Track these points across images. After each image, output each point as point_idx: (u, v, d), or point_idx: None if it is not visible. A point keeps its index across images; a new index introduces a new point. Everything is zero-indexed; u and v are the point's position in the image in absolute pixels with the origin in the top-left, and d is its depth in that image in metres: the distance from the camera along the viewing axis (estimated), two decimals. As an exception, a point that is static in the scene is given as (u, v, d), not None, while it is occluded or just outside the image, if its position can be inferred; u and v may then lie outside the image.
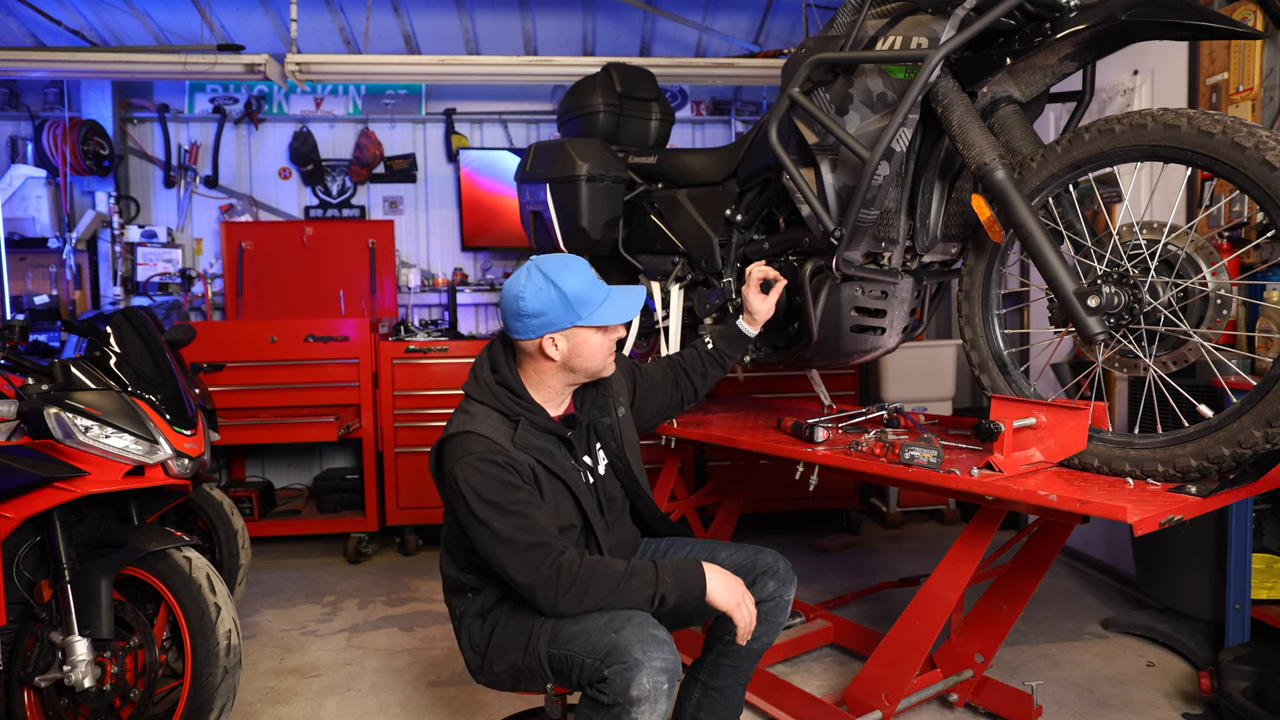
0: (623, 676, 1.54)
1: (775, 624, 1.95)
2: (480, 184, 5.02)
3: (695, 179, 2.69)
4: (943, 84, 1.89)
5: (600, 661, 1.58)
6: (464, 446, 1.71)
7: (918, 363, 4.33)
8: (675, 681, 1.58)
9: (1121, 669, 2.76)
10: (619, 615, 1.64)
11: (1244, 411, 1.60)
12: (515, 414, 1.79)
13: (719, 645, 1.97)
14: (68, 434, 2.21)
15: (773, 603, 1.93)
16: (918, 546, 4.23)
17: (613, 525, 1.95)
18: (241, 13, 4.64)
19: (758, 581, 1.92)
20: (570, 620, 1.66)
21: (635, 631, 1.58)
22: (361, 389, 4.18)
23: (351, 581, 3.89)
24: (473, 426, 1.74)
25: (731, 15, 4.92)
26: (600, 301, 1.80)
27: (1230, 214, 2.84)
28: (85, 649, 2.13)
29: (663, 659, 1.56)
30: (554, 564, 1.64)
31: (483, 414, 1.78)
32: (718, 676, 1.98)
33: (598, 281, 1.82)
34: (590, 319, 1.78)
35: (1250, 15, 2.82)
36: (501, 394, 1.81)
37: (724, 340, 2.32)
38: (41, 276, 4.79)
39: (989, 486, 1.78)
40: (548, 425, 1.83)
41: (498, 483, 1.68)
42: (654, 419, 2.27)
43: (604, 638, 1.60)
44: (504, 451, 1.71)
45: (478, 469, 1.68)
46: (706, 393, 2.35)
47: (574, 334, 1.79)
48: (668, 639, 1.61)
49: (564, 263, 1.81)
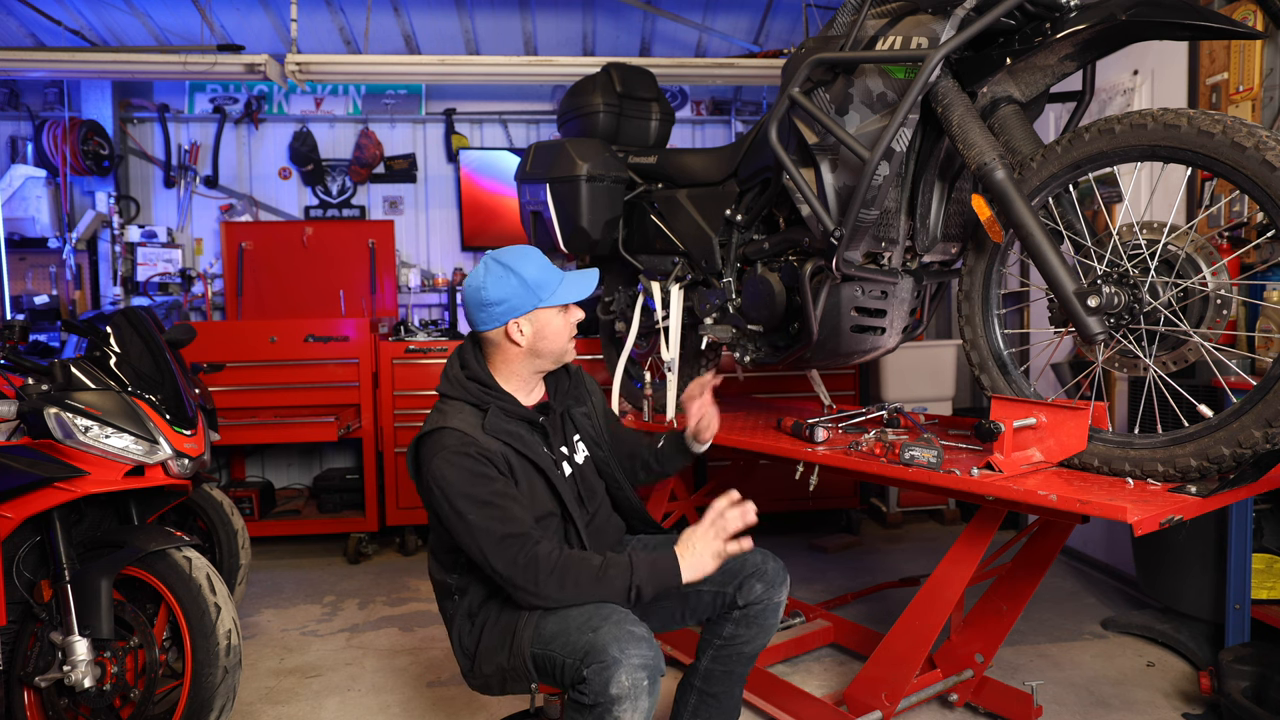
0: (601, 676, 1.53)
1: (766, 626, 1.92)
2: (480, 184, 5.02)
3: (695, 179, 2.69)
4: (943, 84, 1.89)
5: (580, 662, 1.58)
6: (438, 443, 1.75)
7: (918, 363, 4.33)
8: (657, 677, 1.57)
9: (1121, 669, 2.76)
10: (598, 613, 1.63)
11: (1244, 411, 1.60)
12: (485, 403, 1.83)
13: (710, 650, 1.95)
14: (68, 434, 2.21)
15: (761, 605, 1.89)
16: (918, 546, 4.23)
17: (594, 516, 1.95)
18: (241, 13, 4.64)
19: (745, 584, 1.89)
20: (552, 619, 1.67)
21: (612, 630, 1.58)
22: (361, 389, 4.18)
23: (351, 581, 3.89)
24: (444, 422, 1.78)
25: (731, 15, 4.92)
26: (557, 284, 1.87)
27: (1230, 214, 2.84)
28: (85, 649, 2.13)
29: (641, 655, 1.55)
30: (530, 554, 1.65)
31: (455, 409, 1.82)
32: (712, 682, 1.96)
33: (552, 267, 1.90)
34: (550, 299, 1.85)
35: (1250, 15, 2.82)
36: (472, 387, 1.86)
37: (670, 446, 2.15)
38: (41, 276, 4.79)
39: (989, 486, 1.78)
40: (519, 412, 1.87)
41: (471, 475, 1.70)
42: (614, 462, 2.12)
43: (582, 637, 1.59)
44: (475, 443, 1.74)
45: (451, 463, 1.71)
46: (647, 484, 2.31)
47: (536, 317, 1.85)
48: (646, 635, 1.60)
49: (519, 252, 1.89)
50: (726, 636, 1.92)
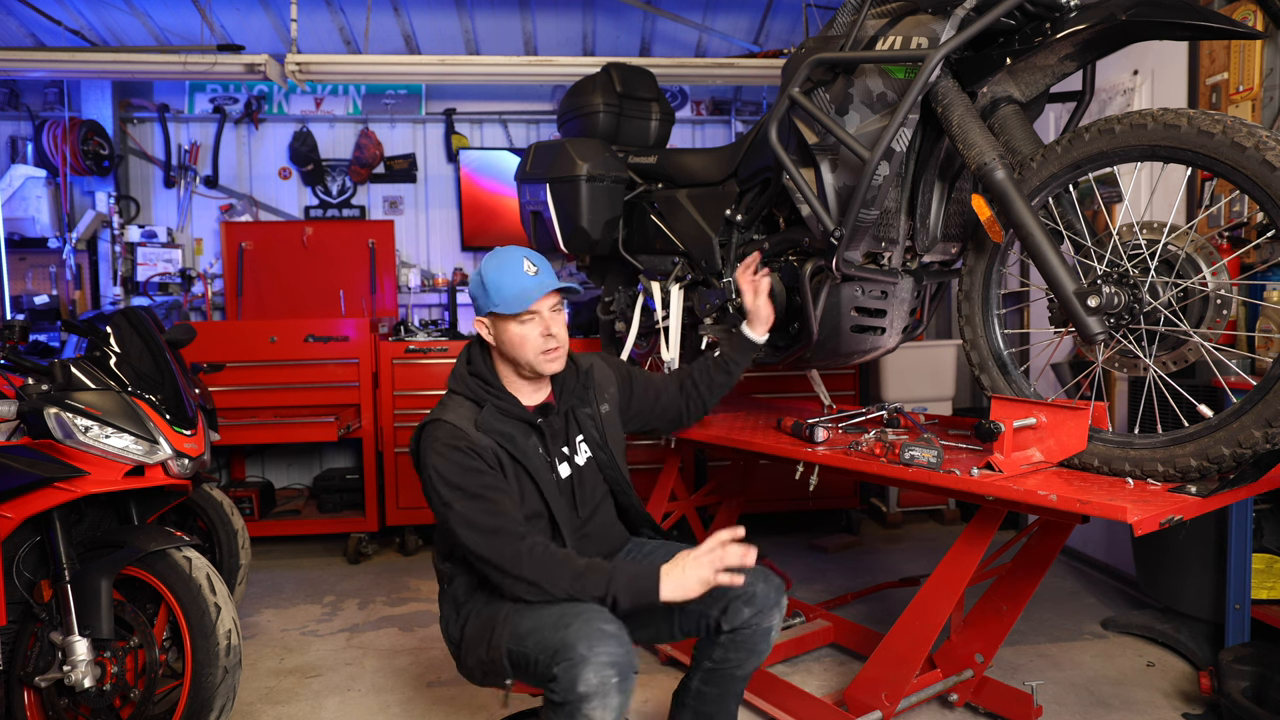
0: (570, 674, 1.53)
1: (757, 651, 1.85)
2: (480, 184, 5.02)
3: (695, 179, 2.69)
4: (943, 84, 1.89)
5: (550, 659, 1.58)
6: (433, 433, 1.79)
7: (918, 363, 4.33)
8: (629, 674, 1.56)
9: (1121, 669, 2.76)
10: (570, 611, 1.63)
11: (1244, 411, 1.60)
12: (483, 399, 1.85)
13: (700, 672, 1.90)
14: (68, 434, 2.21)
15: (749, 630, 1.81)
16: (918, 546, 4.23)
17: (587, 520, 1.94)
18: (241, 13, 4.64)
19: (730, 608, 1.81)
20: (528, 616, 1.68)
21: (582, 627, 1.58)
22: (361, 389, 4.18)
23: (351, 581, 3.89)
24: (442, 414, 1.82)
25: (731, 15, 4.92)
26: (511, 291, 1.82)
27: (1230, 214, 2.84)
28: (85, 649, 2.13)
29: (609, 653, 1.54)
30: (514, 548, 1.68)
31: (455, 403, 1.86)
32: (705, 701, 1.92)
33: (522, 272, 1.84)
34: (497, 306, 1.82)
35: (1250, 15, 2.82)
36: (473, 382, 1.88)
37: (730, 347, 2.32)
38: (41, 276, 4.79)
39: (989, 486, 1.78)
40: (516, 412, 1.87)
41: (461, 467, 1.74)
42: (653, 421, 2.26)
43: (554, 635, 1.60)
44: (466, 437, 1.77)
45: (442, 454, 1.75)
46: (715, 403, 2.34)
47: (494, 321, 1.87)
48: (617, 632, 1.59)
49: (498, 252, 1.90)
50: (716, 659, 1.87)
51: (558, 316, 1.89)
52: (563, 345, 1.89)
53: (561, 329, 1.88)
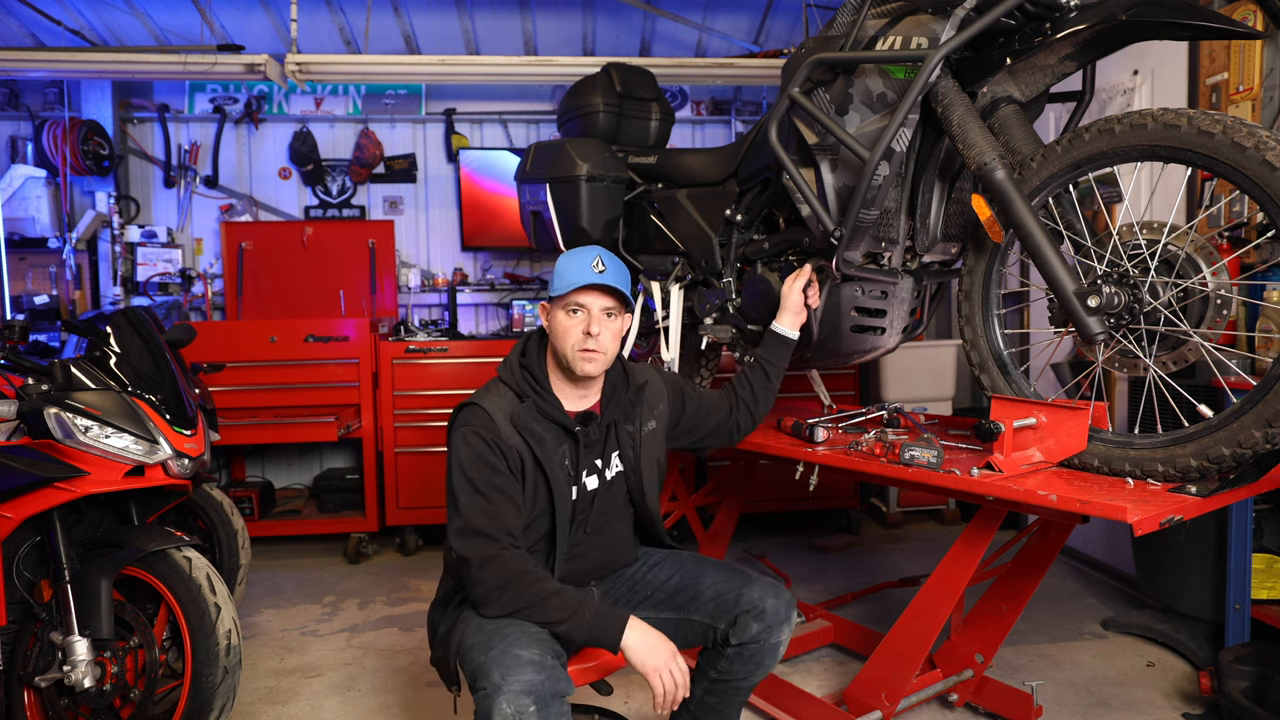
0: (485, 703, 1.49)
1: (764, 666, 1.84)
2: (480, 184, 5.02)
3: (695, 179, 2.69)
4: (943, 84, 1.89)
5: (473, 682, 1.57)
6: (466, 416, 1.79)
7: (918, 363, 4.33)
8: (549, 700, 1.49)
9: (1121, 669, 2.76)
10: (499, 633, 1.60)
11: (1244, 411, 1.60)
12: (525, 394, 1.83)
13: (704, 682, 1.88)
14: (68, 434, 2.21)
15: (757, 645, 1.80)
16: (918, 546, 4.23)
17: (589, 537, 1.91)
18: (241, 13, 4.64)
19: (739, 621, 1.79)
20: (472, 630, 1.65)
21: (499, 654, 1.53)
22: (361, 389, 4.18)
23: (351, 581, 3.89)
24: (481, 400, 1.80)
25: (731, 15, 4.92)
26: (567, 276, 1.82)
27: (1230, 214, 2.84)
28: (85, 649, 2.13)
29: (523, 681, 1.48)
30: (494, 555, 1.67)
31: (498, 391, 1.84)
32: (707, 710, 1.90)
33: (586, 264, 1.82)
34: (554, 289, 1.84)
35: (1250, 15, 2.82)
36: (520, 374, 1.86)
37: (761, 349, 2.25)
38: (41, 276, 4.79)
39: (989, 486, 1.78)
40: (555, 415, 1.84)
41: (479, 459, 1.73)
42: (704, 441, 2.19)
43: (480, 656, 1.56)
44: (496, 430, 1.75)
45: (467, 440, 1.75)
46: (765, 412, 2.24)
47: (551, 306, 1.87)
48: (535, 658, 1.53)
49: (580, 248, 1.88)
50: (722, 671, 1.85)
51: (607, 322, 1.83)
52: (602, 351, 1.83)
53: (608, 336, 1.83)
